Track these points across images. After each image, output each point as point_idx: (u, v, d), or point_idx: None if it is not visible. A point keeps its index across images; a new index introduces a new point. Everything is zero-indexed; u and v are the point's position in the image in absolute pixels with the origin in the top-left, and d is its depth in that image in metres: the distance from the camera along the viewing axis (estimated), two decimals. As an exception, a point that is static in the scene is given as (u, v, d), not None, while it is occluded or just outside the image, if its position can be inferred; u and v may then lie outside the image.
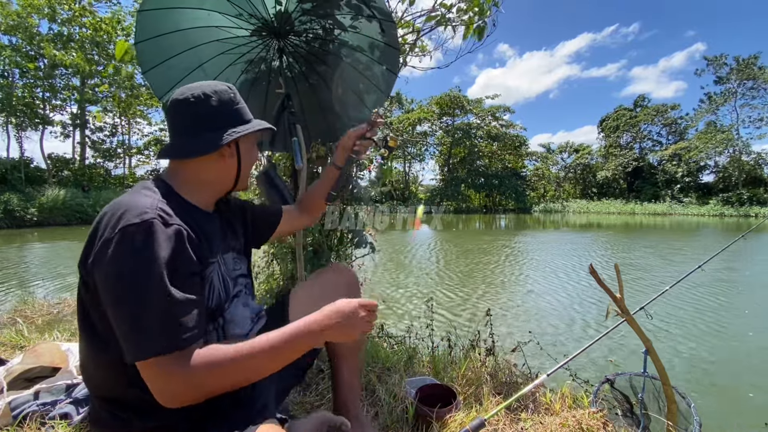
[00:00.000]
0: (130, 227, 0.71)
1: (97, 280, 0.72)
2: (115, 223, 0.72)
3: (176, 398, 0.71)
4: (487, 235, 15.50)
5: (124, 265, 0.69)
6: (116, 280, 0.69)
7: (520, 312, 4.92)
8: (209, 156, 0.88)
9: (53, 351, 1.84)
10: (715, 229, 19.42)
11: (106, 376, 0.80)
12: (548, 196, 44.11)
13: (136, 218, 0.71)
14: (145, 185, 0.85)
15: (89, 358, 0.82)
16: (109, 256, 0.70)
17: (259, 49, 1.88)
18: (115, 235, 0.70)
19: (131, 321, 0.69)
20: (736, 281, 6.60)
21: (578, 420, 1.51)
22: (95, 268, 0.72)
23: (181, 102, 0.87)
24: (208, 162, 0.90)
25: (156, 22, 1.59)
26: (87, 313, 0.79)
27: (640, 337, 1.75)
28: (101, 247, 0.71)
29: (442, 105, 38.51)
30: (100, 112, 4.06)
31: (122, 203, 0.76)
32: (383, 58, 1.85)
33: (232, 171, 0.95)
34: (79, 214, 17.97)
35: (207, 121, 0.88)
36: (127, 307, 0.69)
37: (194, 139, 0.87)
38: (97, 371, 0.81)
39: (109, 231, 0.71)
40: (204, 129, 0.88)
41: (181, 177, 0.90)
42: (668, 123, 41.55)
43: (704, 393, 2.88)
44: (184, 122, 0.88)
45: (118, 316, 0.70)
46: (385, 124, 1.30)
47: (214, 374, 0.71)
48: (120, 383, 0.78)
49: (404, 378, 1.77)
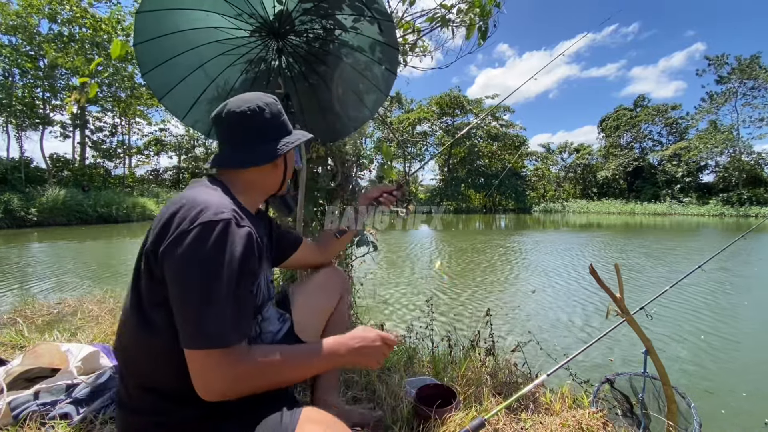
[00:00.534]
0: (209, 223, 0.74)
1: (168, 267, 0.74)
2: (193, 217, 0.75)
3: (216, 391, 0.73)
4: (483, 235, 15.51)
5: (200, 257, 0.72)
6: (189, 270, 0.72)
7: (518, 312, 4.92)
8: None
9: (53, 352, 1.84)
10: (714, 229, 19.43)
11: (154, 367, 0.81)
12: (548, 196, 44.12)
13: (214, 216, 0.75)
14: (207, 184, 0.89)
15: (138, 347, 0.82)
16: (186, 246, 0.73)
17: (259, 50, 1.88)
18: (194, 228, 0.74)
19: (197, 310, 0.71)
20: (731, 281, 6.60)
21: (578, 420, 1.51)
22: (168, 256, 0.74)
23: (238, 115, 0.93)
24: (262, 170, 0.98)
25: (155, 24, 1.59)
26: (142, 302, 0.80)
27: (640, 337, 1.74)
28: (177, 238, 0.74)
29: (442, 105, 38.51)
30: (71, 103, 3.82)
31: (197, 199, 0.79)
32: (383, 58, 1.85)
33: (279, 177, 1.04)
34: (79, 214, 17.98)
35: (262, 132, 0.96)
36: (195, 296, 0.71)
37: (251, 149, 0.95)
38: (146, 360, 0.82)
39: (187, 224, 0.74)
40: (259, 140, 0.96)
41: (236, 182, 0.95)
42: (669, 123, 41.56)
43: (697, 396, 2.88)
44: (242, 133, 0.95)
45: (184, 304, 0.72)
46: (406, 183, 1.47)
47: (257, 374, 0.75)
48: (167, 374, 0.79)
49: (404, 378, 1.77)
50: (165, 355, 0.78)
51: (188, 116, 1.89)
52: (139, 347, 0.82)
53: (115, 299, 4.01)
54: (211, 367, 0.71)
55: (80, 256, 9.34)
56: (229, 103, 0.95)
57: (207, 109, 1.93)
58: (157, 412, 0.80)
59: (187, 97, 1.85)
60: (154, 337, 0.78)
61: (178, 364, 0.74)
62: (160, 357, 0.79)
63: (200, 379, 0.72)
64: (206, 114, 1.95)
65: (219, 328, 0.71)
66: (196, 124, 1.95)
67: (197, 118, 1.93)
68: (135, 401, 0.82)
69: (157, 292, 0.77)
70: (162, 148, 30.59)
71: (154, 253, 0.76)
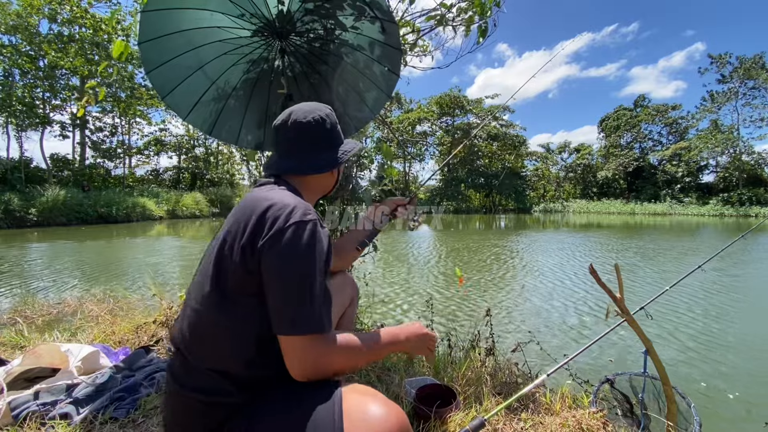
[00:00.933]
0: (301, 223, 0.84)
1: (267, 261, 0.82)
2: (286, 216, 0.84)
3: (308, 371, 0.81)
4: (479, 235, 15.51)
5: (297, 254, 0.82)
6: (289, 265, 0.81)
7: (518, 312, 4.92)
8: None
9: (53, 352, 1.85)
10: (714, 229, 19.43)
11: (228, 351, 0.86)
12: (548, 196, 44.12)
13: (304, 216, 0.85)
14: (281, 187, 0.98)
15: (215, 331, 0.87)
16: (283, 244, 0.82)
17: (261, 50, 1.88)
18: (289, 227, 0.83)
19: (297, 301, 0.80)
20: (732, 281, 6.60)
21: (578, 420, 1.51)
22: (267, 251, 0.82)
23: (305, 124, 1.03)
24: (323, 175, 1.09)
25: (159, 23, 1.59)
26: (227, 290, 0.85)
27: (640, 337, 1.74)
28: (275, 235, 0.82)
29: (442, 105, 38.53)
30: (82, 106, 3.94)
31: (284, 200, 0.88)
32: (384, 58, 1.85)
33: (333, 181, 1.15)
34: (79, 214, 17.99)
35: (325, 141, 1.06)
36: (295, 288, 0.80)
37: (316, 157, 1.05)
38: (221, 344, 0.87)
39: (282, 222, 0.83)
40: (322, 148, 1.06)
41: (300, 185, 1.04)
42: (669, 123, 41.56)
43: (697, 396, 2.88)
44: (309, 142, 1.05)
45: (285, 295, 0.81)
46: (416, 196, 1.56)
47: (343, 358, 0.85)
48: (240, 359, 0.86)
49: (404, 378, 1.77)
50: (243, 346, 0.85)
51: (191, 115, 1.90)
52: (216, 331, 0.87)
53: (114, 299, 4.01)
54: (309, 350, 0.80)
55: (80, 256, 9.34)
56: (294, 113, 1.04)
57: (209, 108, 1.93)
58: (217, 392, 0.85)
59: (191, 95, 1.85)
60: (236, 323, 0.85)
61: (252, 350, 0.84)
62: (236, 346, 0.86)
63: (297, 361, 0.80)
64: (208, 113, 1.95)
65: (316, 316, 0.80)
66: (197, 123, 1.96)
67: (199, 116, 1.93)
68: (197, 381, 0.86)
69: (250, 282, 0.84)
70: (162, 148, 30.57)
71: (251, 247, 0.84)
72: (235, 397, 0.85)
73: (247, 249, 0.84)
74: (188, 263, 8.19)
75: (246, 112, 2.01)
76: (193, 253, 9.73)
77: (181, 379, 0.89)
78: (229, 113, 1.97)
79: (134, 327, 2.71)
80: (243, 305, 0.85)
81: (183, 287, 4.64)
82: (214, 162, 32.22)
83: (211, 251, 0.90)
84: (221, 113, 1.95)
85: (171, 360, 0.94)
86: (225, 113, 1.96)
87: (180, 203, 23.79)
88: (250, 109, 2.01)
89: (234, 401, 0.85)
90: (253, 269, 0.83)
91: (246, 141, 2.10)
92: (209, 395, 0.85)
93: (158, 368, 1.95)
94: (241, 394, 0.85)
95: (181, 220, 22.46)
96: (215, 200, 26.06)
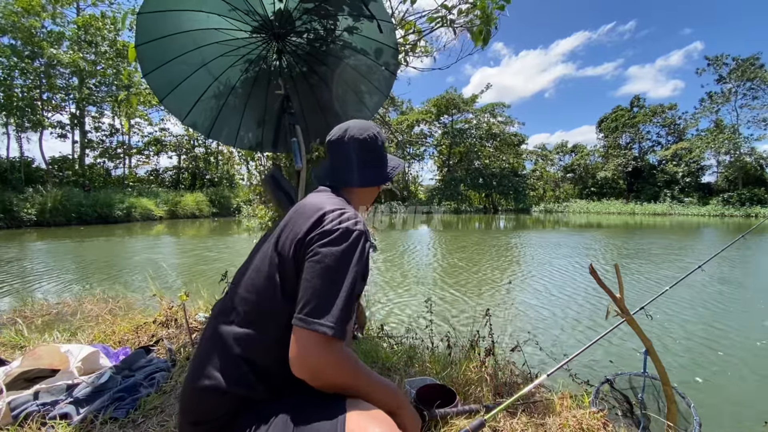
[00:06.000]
0: (350, 229, 0.88)
1: (310, 254, 0.86)
2: (337, 221, 0.90)
3: (308, 371, 0.81)
4: (478, 236, 15.52)
5: (339, 254, 0.85)
6: (328, 260, 0.84)
7: (518, 312, 4.92)
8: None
9: (53, 353, 1.84)
10: (714, 229, 19.44)
11: (269, 344, 0.89)
12: (547, 196, 44.10)
13: (354, 225, 0.90)
14: (337, 196, 1.05)
15: (265, 324, 0.90)
16: (330, 241, 0.86)
17: (260, 50, 1.88)
18: (338, 230, 0.88)
19: (324, 298, 0.82)
20: (732, 282, 6.61)
21: (578, 420, 1.51)
22: (313, 245, 0.86)
23: (361, 141, 1.11)
24: (371, 188, 1.17)
25: (156, 25, 1.59)
26: (285, 286, 0.89)
27: (640, 337, 1.75)
28: (323, 234, 0.87)
29: (440, 106, 38.58)
30: (123, 118, 4.00)
31: (341, 207, 0.94)
32: (382, 59, 1.85)
33: (376, 194, 1.22)
34: (79, 214, 17.98)
35: (377, 157, 1.15)
36: (326, 286, 0.83)
37: (370, 171, 1.13)
38: (262, 335, 0.90)
39: (332, 225, 0.89)
40: (372, 164, 1.13)
41: (349, 195, 1.11)
42: (667, 123, 41.56)
43: (697, 396, 2.88)
44: (364, 157, 1.12)
45: (313, 289, 0.82)
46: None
47: (344, 374, 0.84)
48: (269, 353, 0.88)
49: (404, 378, 1.77)
50: (277, 341, 0.87)
51: (188, 117, 1.90)
52: (267, 324, 0.90)
53: (114, 299, 4.01)
54: (318, 350, 0.80)
55: (80, 256, 9.33)
56: (349, 129, 1.11)
57: (207, 110, 1.93)
58: (247, 385, 0.87)
59: (188, 98, 1.85)
60: (281, 320, 0.87)
61: (284, 350, 0.84)
62: (271, 340, 0.88)
63: (302, 357, 0.81)
64: (207, 115, 1.95)
65: (338, 320, 0.81)
66: (196, 125, 1.96)
67: (197, 119, 1.93)
68: (233, 372, 0.88)
69: (290, 277, 0.88)
70: (162, 148, 30.57)
71: (302, 242, 0.89)
72: (255, 389, 0.87)
73: (299, 244, 0.89)
74: (188, 263, 8.19)
75: (245, 111, 2.01)
76: (193, 252, 9.73)
77: (219, 369, 0.90)
78: (228, 113, 1.98)
79: (134, 327, 2.71)
80: (290, 303, 0.88)
81: (183, 287, 4.63)
82: (214, 162, 32.22)
83: (267, 248, 0.94)
84: (220, 114, 1.96)
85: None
86: (224, 114, 1.97)
87: (180, 203, 23.79)
88: (248, 107, 2.01)
89: (253, 396, 0.87)
90: (300, 268, 0.87)
91: (245, 141, 2.10)
92: (234, 385, 0.87)
93: (158, 368, 1.95)
94: (264, 388, 0.88)
95: (181, 220, 22.45)
96: (215, 200, 26.06)
